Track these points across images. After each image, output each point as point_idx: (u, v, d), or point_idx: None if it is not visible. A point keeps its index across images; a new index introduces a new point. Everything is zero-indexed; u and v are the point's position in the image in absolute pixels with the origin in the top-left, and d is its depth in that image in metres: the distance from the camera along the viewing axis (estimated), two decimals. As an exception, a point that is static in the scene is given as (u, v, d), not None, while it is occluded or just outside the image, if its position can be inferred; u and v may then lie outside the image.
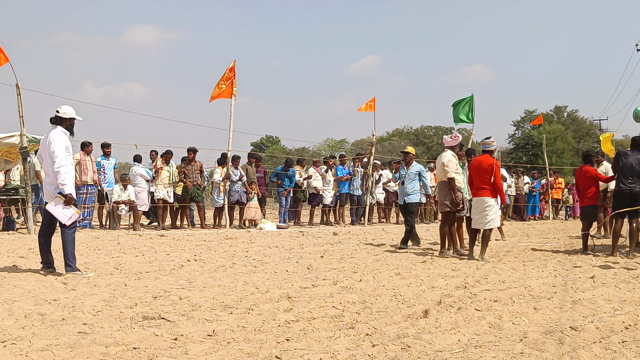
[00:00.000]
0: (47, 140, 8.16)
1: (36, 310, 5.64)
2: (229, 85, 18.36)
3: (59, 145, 8.09)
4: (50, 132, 8.21)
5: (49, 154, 8.09)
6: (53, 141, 8.08)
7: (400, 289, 7.15)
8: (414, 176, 12.59)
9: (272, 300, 6.35)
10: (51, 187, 8.18)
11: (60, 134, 8.21)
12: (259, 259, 10.16)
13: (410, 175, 12.59)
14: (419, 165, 12.74)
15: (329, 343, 4.61)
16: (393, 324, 5.34)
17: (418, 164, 12.80)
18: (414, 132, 74.83)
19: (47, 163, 8.19)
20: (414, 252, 11.46)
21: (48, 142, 8.11)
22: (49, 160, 8.14)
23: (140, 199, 17.19)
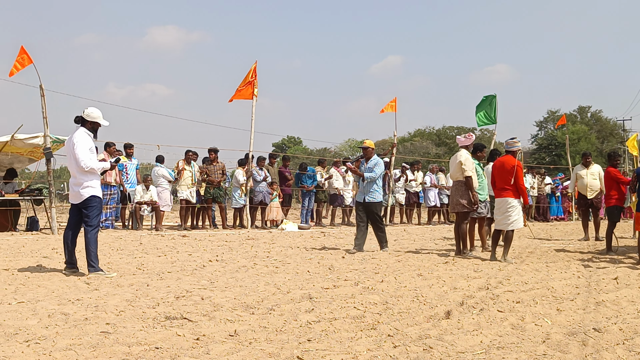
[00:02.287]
0: (70, 142, 8.22)
1: (59, 310, 5.68)
2: (249, 87, 18.40)
3: (81, 147, 8.15)
4: (74, 133, 8.26)
5: (73, 156, 8.15)
6: (76, 143, 8.13)
7: (422, 289, 7.12)
8: (370, 170, 11.91)
9: (293, 300, 6.35)
10: (77, 187, 8.23)
11: (84, 135, 8.26)
12: (280, 259, 10.17)
13: (368, 170, 11.94)
14: (376, 159, 12.09)
15: (350, 344, 4.60)
16: (415, 325, 5.32)
17: (377, 158, 12.18)
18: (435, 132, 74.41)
19: (70, 163, 8.26)
20: (436, 253, 11.41)
21: (72, 143, 8.16)
22: (73, 161, 8.20)
23: (163, 199, 17.28)
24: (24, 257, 10.07)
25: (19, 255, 10.32)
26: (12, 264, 9.04)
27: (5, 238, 13.72)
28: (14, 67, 14.93)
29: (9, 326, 4.97)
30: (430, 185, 22.76)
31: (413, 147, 64.49)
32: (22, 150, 16.40)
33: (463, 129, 69.38)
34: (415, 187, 22.44)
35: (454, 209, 11.20)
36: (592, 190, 15.01)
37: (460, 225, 11.13)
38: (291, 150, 68.76)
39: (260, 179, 18.51)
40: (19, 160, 17.31)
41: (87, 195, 8.22)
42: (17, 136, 15.23)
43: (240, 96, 18.53)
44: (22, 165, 18.11)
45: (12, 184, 16.78)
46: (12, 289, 6.87)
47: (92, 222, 8.24)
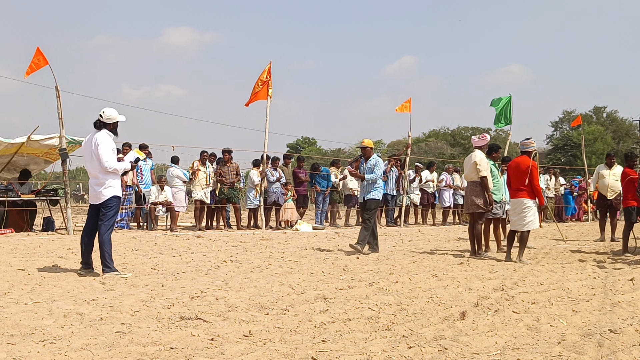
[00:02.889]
0: (92, 143, 8.24)
1: (75, 310, 5.70)
2: (264, 87, 18.43)
3: (105, 148, 8.20)
4: (95, 135, 8.28)
5: (96, 156, 8.18)
6: (100, 144, 8.17)
7: (436, 290, 7.10)
8: (370, 170, 11.80)
9: (308, 301, 6.35)
10: (99, 187, 8.26)
11: (106, 137, 8.30)
12: (294, 260, 10.17)
13: (367, 170, 11.85)
14: (376, 159, 11.93)
15: (365, 344, 4.60)
16: (429, 325, 5.31)
17: (377, 157, 12.01)
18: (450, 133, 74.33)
19: (93, 165, 8.28)
20: (451, 254, 11.38)
21: (95, 144, 8.19)
22: (94, 162, 8.23)
23: (177, 199, 17.32)
24: (39, 257, 10.12)
25: (35, 255, 10.38)
26: (28, 264, 9.09)
27: (22, 238, 13.80)
28: (30, 68, 15.03)
29: (25, 326, 4.99)
30: (445, 186, 22.72)
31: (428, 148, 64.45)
32: (37, 152, 16.48)
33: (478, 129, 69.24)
34: (432, 188, 22.40)
35: (469, 210, 11.16)
36: (613, 191, 14.91)
37: (475, 226, 11.09)
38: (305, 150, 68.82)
39: (274, 180, 18.54)
40: (35, 161, 17.40)
41: (110, 195, 8.26)
42: (33, 137, 15.31)
43: (257, 97, 18.57)
44: (38, 167, 18.20)
45: (28, 184, 16.89)
46: (28, 289, 6.91)
47: (107, 222, 8.27)
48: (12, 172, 17.42)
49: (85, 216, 23.09)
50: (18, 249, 11.27)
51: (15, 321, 5.13)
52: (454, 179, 23.11)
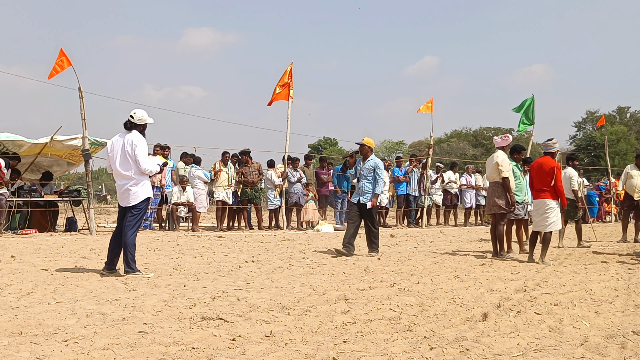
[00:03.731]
0: (127, 144, 8.25)
1: (97, 309, 5.73)
2: (286, 88, 18.46)
3: (142, 150, 8.24)
4: (129, 136, 8.29)
5: (132, 158, 8.21)
6: (138, 145, 8.20)
7: (458, 291, 7.08)
8: (368, 172, 11.27)
9: (329, 302, 6.35)
10: (131, 189, 8.27)
11: (142, 138, 8.36)
12: (316, 260, 10.18)
13: (365, 170, 11.31)
14: (375, 160, 11.43)
15: (386, 345, 4.59)
16: (451, 327, 5.29)
17: (375, 158, 11.51)
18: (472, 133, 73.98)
19: (126, 166, 8.29)
20: (473, 255, 11.33)
21: (132, 146, 8.20)
22: (129, 163, 8.25)
23: (199, 200, 17.38)
24: (62, 257, 10.19)
25: (58, 255, 10.45)
26: (51, 264, 9.16)
27: (45, 238, 13.90)
28: (54, 69, 15.14)
29: (48, 325, 5.03)
30: (465, 186, 22.63)
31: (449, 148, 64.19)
32: (60, 153, 16.60)
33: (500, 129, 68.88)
34: (455, 188, 22.32)
35: (491, 210, 11.11)
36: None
37: (497, 227, 11.03)
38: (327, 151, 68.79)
39: (295, 180, 18.55)
40: (58, 163, 17.53)
41: (142, 197, 8.29)
42: (56, 138, 15.42)
43: (278, 97, 18.61)
44: (61, 169, 18.33)
45: (50, 185, 17.02)
46: (52, 289, 6.96)
47: (135, 224, 8.31)
48: (36, 173, 17.59)
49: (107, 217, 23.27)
50: (41, 249, 11.36)
51: (39, 321, 5.17)
52: (476, 179, 23.01)
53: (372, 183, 11.24)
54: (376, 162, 11.36)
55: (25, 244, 12.49)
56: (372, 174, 11.23)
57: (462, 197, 22.73)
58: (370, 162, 11.31)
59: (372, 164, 11.28)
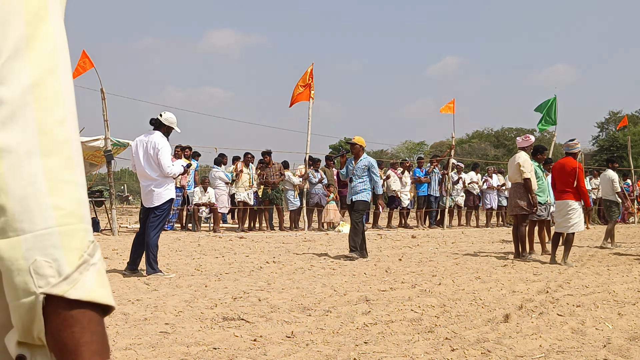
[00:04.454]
0: (151, 146, 8.29)
1: (120, 309, 5.77)
2: (307, 89, 18.48)
3: (165, 152, 8.28)
4: (153, 138, 8.34)
5: (155, 160, 8.25)
6: (161, 148, 8.23)
7: (480, 293, 7.05)
8: (361, 171, 10.98)
9: (350, 302, 6.35)
10: (155, 190, 8.30)
11: (165, 140, 8.39)
12: (337, 261, 10.18)
13: (358, 170, 11.03)
14: (368, 159, 11.19)
15: (407, 347, 4.58)
16: (473, 328, 5.27)
17: (368, 157, 11.27)
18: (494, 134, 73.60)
19: (150, 167, 8.32)
20: (495, 256, 11.28)
21: (155, 148, 8.25)
22: (152, 165, 8.29)
23: (220, 201, 17.43)
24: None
25: (81, 255, 10.51)
26: (74, 265, 9.20)
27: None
28: (76, 70, 15.23)
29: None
30: (486, 187, 22.53)
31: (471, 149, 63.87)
32: (83, 154, 16.64)
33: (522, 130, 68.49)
34: (477, 189, 22.23)
35: (513, 211, 11.05)
36: None
37: (519, 228, 10.97)
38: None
39: (316, 181, 18.56)
40: (80, 164, 17.63)
41: (166, 198, 8.33)
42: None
43: (299, 98, 18.64)
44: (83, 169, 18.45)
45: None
46: (74, 289, 6.99)
47: (158, 225, 8.35)
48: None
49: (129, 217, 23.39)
50: (64, 250, 11.43)
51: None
52: (498, 180, 22.91)
53: (369, 182, 10.98)
54: (370, 161, 11.15)
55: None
56: (366, 173, 10.97)
57: (483, 198, 22.64)
58: (363, 161, 11.06)
59: (365, 163, 11.03)
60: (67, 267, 0.83)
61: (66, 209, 0.85)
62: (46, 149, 0.86)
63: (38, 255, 0.82)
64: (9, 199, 0.82)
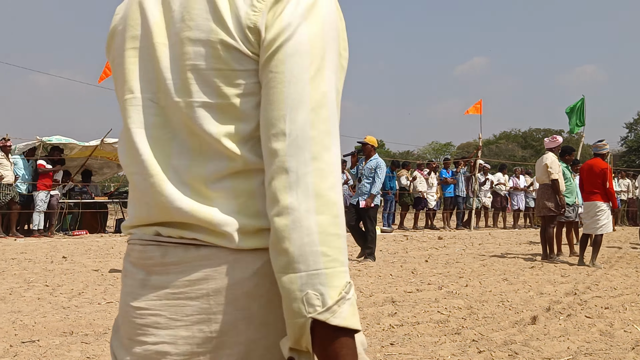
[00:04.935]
0: None
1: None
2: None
3: None
4: None
5: None
6: None
7: (507, 294, 7.00)
8: (369, 172, 10.68)
9: (376, 304, 6.33)
10: None
11: None
12: (363, 262, 10.15)
13: (366, 170, 10.73)
14: (377, 160, 10.81)
15: (434, 348, 4.55)
16: (500, 330, 5.23)
17: (378, 158, 10.88)
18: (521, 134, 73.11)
19: None
20: (522, 258, 11.20)
21: None
22: None
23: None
24: (112, 258, 10.33)
25: (108, 256, 10.60)
26: (102, 265, 9.29)
27: (96, 240, 14.12)
28: (104, 72, 15.33)
29: (98, 325, 5.10)
30: (515, 189, 22.40)
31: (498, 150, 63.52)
32: (111, 155, 16.85)
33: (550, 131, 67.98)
34: (504, 190, 22.11)
35: (540, 213, 10.97)
36: None
37: (546, 229, 10.89)
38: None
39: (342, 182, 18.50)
40: (108, 165, 17.82)
41: None
42: (107, 140, 15.64)
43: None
44: (111, 170, 18.62)
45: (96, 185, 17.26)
46: (102, 290, 7.05)
47: None
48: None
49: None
50: (92, 250, 11.54)
51: (89, 321, 5.25)
52: (526, 180, 22.78)
53: (371, 183, 10.65)
54: (378, 162, 10.79)
55: (76, 244, 12.71)
56: (373, 174, 10.67)
57: (511, 199, 22.50)
58: (371, 162, 10.77)
59: (373, 164, 10.73)
60: (329, 300, 1.05)
61: (332, 256, 1.08)
62: (320, 208, 1.09)
63: (309, 289, 1.06)
64: (291, 245, 1.07)
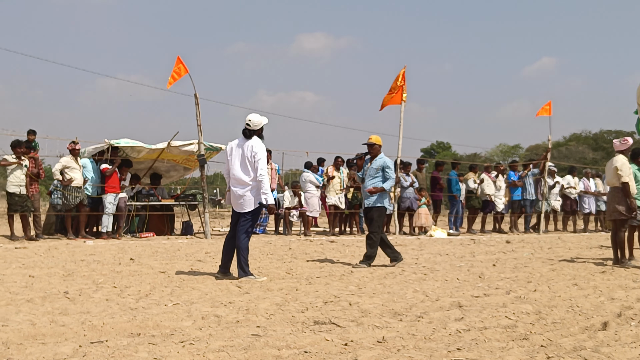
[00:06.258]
0: (247, 150, 8.34)
1: (212, 312, 5.83)
2: (399, 92, 18.38)
3: (263, 155, 8.34)
4: (250, 142, 8.38)
5: (250, 163, 8.31)
6: (258, 152, 8.26)
7: (577, 299, 6.84)
8: (374, 171, 10.15)
9: (442, 308, 6.25)
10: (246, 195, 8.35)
11: (262, 144, 8.42)
12: (429, 266, 10.06)
13: (372, 170, 10.20)
14: (383, 159, 10.25)
15: (501, 354, 4.46)
16: (569, 335, 5.10)
17: (384, 157, 10.31)
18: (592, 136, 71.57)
19: (245, 172, 8.38)
20: (593, 262, 10.95)
21: (251, 152, 8.29)
22: (247, 170, 8.36)
23: (311, 205, 17.51)
24: (179, 260, 10.46)
25: (175, 258, 10.74)
26: (168, 267, 9.41)
27: (162, 242, 14.33)
28: (171, 77, 15.58)
29: (165, 327, 5.15)
30: (584, 192, 21.96)
31: (568, 152, 62.30)
32: (177, 158, 17.09)
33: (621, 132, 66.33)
34: (574, 194, 21.70)
35: (611, 216, 10.70)
36: None
37: (617, 233, 10.62)
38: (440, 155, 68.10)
39: (407, 185, 18.43)
40: (175, 168, 18.08)
41: (257, 203, 8.36)
42: (173, 143, 15.87)
43: (391, 102, 18.56)
44: (178, 174, 18.89)
45: (162, 188, 17.53)
46: (168, 291, 7.13)
47: (247, 228, 8.43)
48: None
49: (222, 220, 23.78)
50: (159, 252, 11.70)
51: (156, 322, 5.31)
52: (597, 184, 22.30)
53: (382, 183, 10.08)
54: (385, 160, 10.24)
55: (143, 246, 12.91)
56: (380, 173, 10.13)
57: (581, 203, 22.06)
58: (378, 161, 10.21)
59: (380, 163, 10.17)
60: None
61: None
62: None
63: None
64: None
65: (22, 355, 4.19)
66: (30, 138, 15.82)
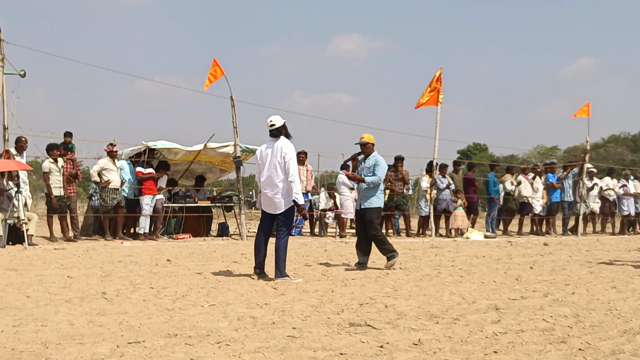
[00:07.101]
0: (277, 153, 8.39)
1: (248, 313, 5.85)
2: (435, 94, 18.30)
3: (293, 156, 8.37)
4: (279, 144, 8.43)
5: (280, 165, 8.34)
6: (288, 152, 8.32)
7: (616, 302, 6.75)
8: (368, 171, 9.84)
9: (479, 311, 6.21)
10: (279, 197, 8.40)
11: (291, 145, 8.46)
12: (465, 268, 10.00)
13: (365, 170, 9.91)
14: (375, 157, 9.94)
15: (539, 357, 4.42)
16: (608, 339, 5.03)
17: (377, 156, 9.99)
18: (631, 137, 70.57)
19: (276, 173, 8.42)
20: (632, 265, 10.79)
21: (282, 153, 8.33)
22: (278, 171, 8.40)
23: (346, 206, 17.49)
24: (215, 261, 10.52)
25: (211, 260, 10.80)
26: (205, 268, 9.46)
27: (199, 243, 14.42)
28: (208, 79, 15.68)
29: (201, 328, 5.18)
30: (623, 194, 21.67)
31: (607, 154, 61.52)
32: (214, 160, 17.21)
33: (661, 133, 65.40)
34: (613, 196, 21.44)
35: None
36: None
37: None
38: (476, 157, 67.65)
39: (443, 187, 18.35)
40: (211, 170, 18.21)
41: (289, 204, 8.38)
42: (210, 145, 15.97)
43: (427, 103, 18.48)
44: (214, 175, 19.03)
45: (204, 190, 17.66)
46: (205, 292, 7.17)
47: (285, 229, 8.46)
48: (190, 179, 18.32)
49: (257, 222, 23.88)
50: (195, 254, 11.78)
51: (193, 323, 5.34)
52: (635, 185, 22.00)
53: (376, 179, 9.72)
54: (377, 159, 9.92)
55: (180, 248, 13.01)
56: (372, 172, 9.81)
57: (620, 205, 21.78)
58: (370, 160, 9.93)
59: (372, 162, 9.88)
60: None
61: None
62: None
63: None
64: None
65: (60, 355, 4.25)
66: (67, 140, 16.04)
